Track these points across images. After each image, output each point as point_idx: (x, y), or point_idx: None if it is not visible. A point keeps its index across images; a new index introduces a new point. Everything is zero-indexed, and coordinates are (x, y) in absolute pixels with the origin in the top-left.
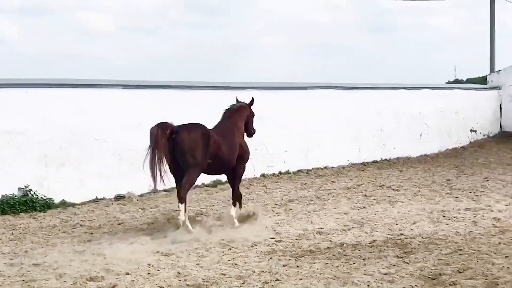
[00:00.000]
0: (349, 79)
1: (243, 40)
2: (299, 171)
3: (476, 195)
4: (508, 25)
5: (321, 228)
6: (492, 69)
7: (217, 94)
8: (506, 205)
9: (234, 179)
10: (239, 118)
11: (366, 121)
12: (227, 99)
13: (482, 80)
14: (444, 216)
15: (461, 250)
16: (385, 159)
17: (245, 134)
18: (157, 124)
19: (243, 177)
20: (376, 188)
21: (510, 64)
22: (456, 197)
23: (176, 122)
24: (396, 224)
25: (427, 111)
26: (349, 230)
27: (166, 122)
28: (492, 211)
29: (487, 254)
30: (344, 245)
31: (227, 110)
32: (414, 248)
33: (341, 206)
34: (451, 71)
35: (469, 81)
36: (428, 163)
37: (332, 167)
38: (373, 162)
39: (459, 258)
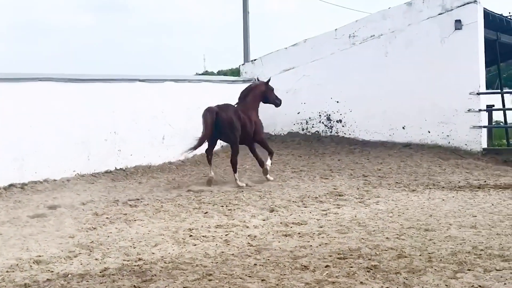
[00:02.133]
0: (72, 69)
1: None
2: (11, 185)
3: (229, 209)
4: (266, 8)
5: (40, 256)
6: (246, 59)
7: None
8: (263, 220)
9: (253, 147)
10: (254, 96)
11: (96, 122)
12: None
13: (236, 73)
14: (191, 236)
15: (211, 275)
16: (121, 168)
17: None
18: (206, 108)
19: None
20: (110, 204)
21: (266, 52)
22: (205, 212)
23: None
24: (134, 248)
25: (170, 109)
26: (75, 257)
27: (211, 106)
28: (247, 227)
29: (241, 278)
30: (69, 276)
31: (244, 89)
32: (155, 275)
33: (66, 228)
34: (200, 61)
35: (221, 73)
36: (173, 172)
37: (54, 180)
38: (106, 172)
39: (208, 285)
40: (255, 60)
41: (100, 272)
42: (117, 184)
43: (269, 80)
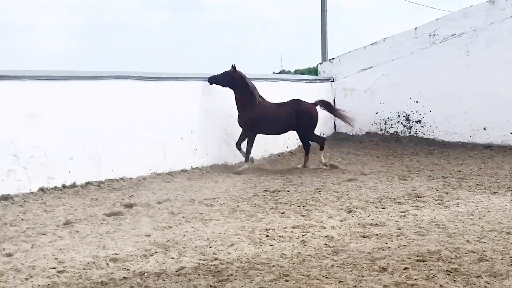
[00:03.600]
0: (148, 67)
1: (13, 18)
2: (88, 183)
3: (305, 210)
4: (343, 7)
5: (116, 254)
6: (324, 58)
7: None
8: (340, 221)
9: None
10: None
11: (172, 120)
12: None
13: (313, 72)
14: (267, 236)
15: (287, 275)
16: (197, 167)
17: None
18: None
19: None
20: (186, 203)
21: (344, 51)
22: (282, 213)
23: None
24: (210, 247)
25: None
26: (151, 255)
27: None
28: (324, 228)
29: (318, 279)
30: (145, 274)
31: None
32: (231, 275)
33: (142, 227)
34: (277, 60)
35: (298, 72)
36: (249, 172)
37: (130, 178)
38: (182, 170)
39: (285, 285)
40: (333, 59)
41: (176, 271)
42: (193, 183)
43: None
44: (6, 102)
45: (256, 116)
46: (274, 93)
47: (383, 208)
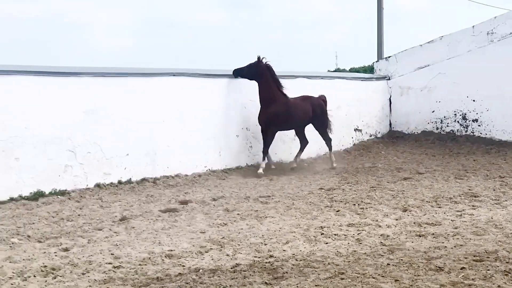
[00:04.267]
0: (204, 64)
1: (72, 17)
2: (143, 179)
3: (361, 208)
4: (399, 5)
5: (172, 250)
6: (379, 56)
7: (35, 81)
8: (395, 220)
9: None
10: None
11: (228, 117)
12: (51, 87)
13: (369, 70)
14: (322, 234)
15: (343, 273)
16: (252, 165)
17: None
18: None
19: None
20: (241, 200)
21: (401, 49)
22: (337, 211)
23: None
24: (265, 244)
25: None
26: (206, 252)
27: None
28: (379, 226)
29: (374, 277)
30: (200, 270)
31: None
32: (286, 272)
33: (197, 223)
34: (331, 59)
35: (353, 70)
36: (304, 170)
37: (186, 175)
38: (237, 168)
39: (340, 283)
40: (389, 57)
41: (231, 268)
42: (248, 181)
43: None
44: (64, 99)
45: (281, 112)
46: (329, 91)
47: (439, 207)
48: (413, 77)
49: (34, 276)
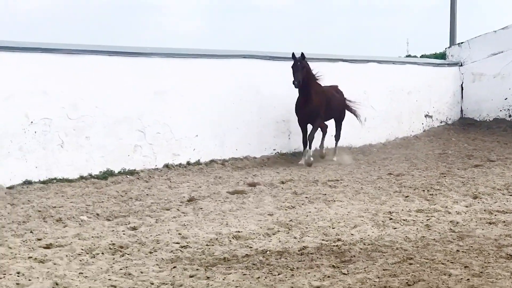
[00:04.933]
0: (274, 47)
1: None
2: (212, 161)
3: (430, 194)
4: None
5: (239, 231)
6: (452, 42)
7: (107, 61)
8: (466, 206)
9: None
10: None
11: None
12: (123, 67)
13: (440, 57)
14: (391, 219)
15: (411, 258)
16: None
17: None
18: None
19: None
20: (309, 183)
21: (474, 35)
22: (406, 196)
23: (55, 94)
24: (333, 228)
25: (373, 90)
26: (273, 234)
27: None
28: (449, 213)
29: (443, 263)
30: (267, 252)
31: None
32: (354, 256)
33: (265, 205)
34: (403, 45)
35: (424, 57)
36: (373, 155)
37: (254, 158)
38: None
39: (409, 268)
40: (461, 43)
41: (299, 250)
42: (316, 164)
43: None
44: (135, 79)
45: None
46: (400, 76)
47: (510, 195)
48: (486, 64)
49: (102, 253)
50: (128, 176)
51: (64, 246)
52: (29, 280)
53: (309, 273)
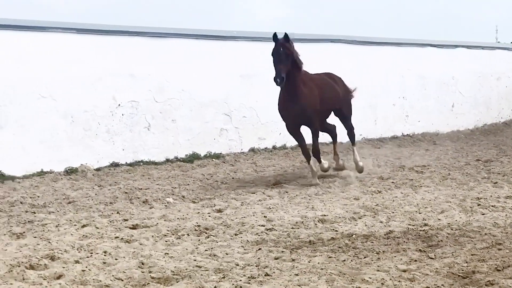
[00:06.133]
0: (360, 32)
1: None
2: (298, 146)
3: None
4: None
5: (325, 215)
6: None
7: (193, 44)
8: None
9: None
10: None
11: (384, 86)
12: (209, 50)
13: None
14: (479, 205)
15: (500, 244)
16: (407, 135)
17: None
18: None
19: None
20: (396, 169)
21: None
22: (495, 183)
23: (142, 77)
24: (419, 213)
25: (461, 76)
26: (359, 218)
27: None
28: None
29: None
30: (353, 236)
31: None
32: (441, 241)
33: (351, 190)
34: (491, 33)
35: None
36: (461, 141)
37: (341, 143)
38: (393, 137)
39: (497, 254)
40: None
41: (385, 235)
42: (404, 150)
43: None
44: (221, 62)
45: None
46: (489, 61)
47: None
48: None
49: (188, 234)
50: (214, 159)
51: (150, 227)
52: (116, 259)
53: (395, 256)
